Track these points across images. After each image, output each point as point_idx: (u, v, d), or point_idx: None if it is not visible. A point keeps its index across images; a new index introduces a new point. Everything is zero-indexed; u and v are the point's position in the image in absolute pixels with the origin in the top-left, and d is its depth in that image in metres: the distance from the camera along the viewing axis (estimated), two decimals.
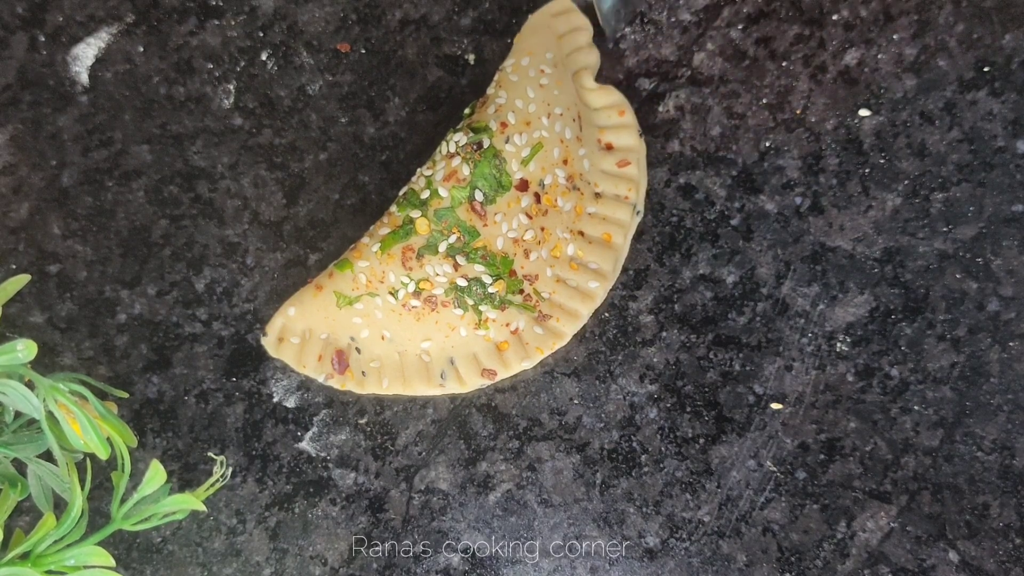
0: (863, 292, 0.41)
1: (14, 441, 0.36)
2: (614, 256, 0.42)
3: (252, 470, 0.42)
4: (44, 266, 0.45)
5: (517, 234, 0.40)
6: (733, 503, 0.40)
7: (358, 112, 0.45)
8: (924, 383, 0.40)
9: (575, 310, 0.41)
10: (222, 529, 0.42)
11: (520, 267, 0.41)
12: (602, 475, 0.41)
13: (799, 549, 0.40)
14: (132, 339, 0.44)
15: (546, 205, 0.41)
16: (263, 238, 0.44)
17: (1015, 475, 0.39)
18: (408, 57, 0.45)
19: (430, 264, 0.40)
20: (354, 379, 0.41)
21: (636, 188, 0.42)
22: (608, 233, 0.42)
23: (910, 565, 0.39)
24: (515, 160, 0.40)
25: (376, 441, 0.42)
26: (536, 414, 0.42)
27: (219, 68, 0.46)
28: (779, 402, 0.41)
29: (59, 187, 0.45)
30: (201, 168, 0.45)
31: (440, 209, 0.40)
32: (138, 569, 0.42)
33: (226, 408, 0.43)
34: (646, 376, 0.42)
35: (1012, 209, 0.41)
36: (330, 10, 0.46)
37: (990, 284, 0.40)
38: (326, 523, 0.42)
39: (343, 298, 0.41)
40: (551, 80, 0.42)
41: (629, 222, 0.42)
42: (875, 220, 0.41)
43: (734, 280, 0.42)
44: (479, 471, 0.42)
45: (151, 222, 0.45)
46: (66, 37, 0.46)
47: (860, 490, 0.40)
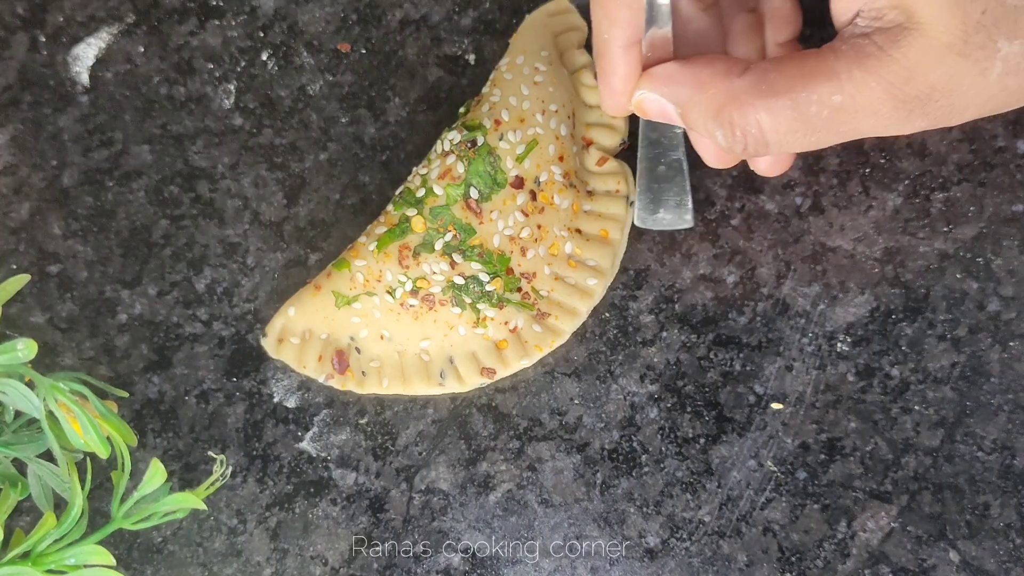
0: (863, 292, 0.41)
1: (14, 441, 0.36)
2: (612, 252, 0.42)
3: (252, 470, 0.42)
4: (44, 266, 0.45)
5: (513, 231, 0.40)
6: (734, 503, 0.40)
7: (358, 112, 0.45)
8: (924, 383, 0.40)
9: (574, 308, 0.42)
10: (222, 529, 0.42)
11: (517, 265, 0.41)
12: (602, 475, 0.41)
13: (800, 549, 0.40)
14: (133, 339, 0.44)
15: (542, 202, 0.41)
16: (263, 238, 0.44)
17: (1015, 475, 0.39)
18: (408, 57, 0.45)
19: (427, 262, 0.40)
20: (354, 379, 0.41)
21: (625, 180, 0.42)
22: (605, 230, 0.42)
23: (911, 565, 0.39)
24: (510, 157, 0.40)
25: (376, 441, 0.42)
26: (536, 414, 0.42)
27: (219, 68, 0.46)
28: (779, 402, 0.41)
29: (59, 187, 0.45)
30: (201, 168, 0.45)
31: (435, 207, 0.40)
32: (138, 569, 0.42)
33: (226, 408, 0.43)
34: (646, 376, 0.42)
35: (1012, 209, 0.41)
36: (330, 10, 0.46)
37: (990, 284, 0.40)
38: (326, 523, 0.42)
39: (341, 298, 0.41)
40: (546, 78, 0.42)
41: (624, 216, 0.42)
42: (875, 220, 0.41)
43: (734, 280, 0.42)
44: (479, 471, 0.42)
45: (152, 222, 0.45)
46: (66, 37, 0.46)
47: (861, 490, 0.40)
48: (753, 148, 0.33)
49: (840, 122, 0.32)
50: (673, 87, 0.35)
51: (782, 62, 0.32)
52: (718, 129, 0.33)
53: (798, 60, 0.32)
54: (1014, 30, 0.30)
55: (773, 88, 0.32)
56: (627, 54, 0.36)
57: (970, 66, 0.30)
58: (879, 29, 0.30)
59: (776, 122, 0.32)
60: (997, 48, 0.30)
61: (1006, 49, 0.30)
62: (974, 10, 0.29)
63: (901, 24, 0.30)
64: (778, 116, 0.32)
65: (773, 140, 0.32)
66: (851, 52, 0.31)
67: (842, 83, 0.31)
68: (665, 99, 0.35)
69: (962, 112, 0.32)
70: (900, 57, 0.30)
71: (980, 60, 0.30)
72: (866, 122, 0.32)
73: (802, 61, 0.32)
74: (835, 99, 0.31)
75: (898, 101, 0.31)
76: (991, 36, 0.30)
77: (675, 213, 0.41)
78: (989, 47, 0.30)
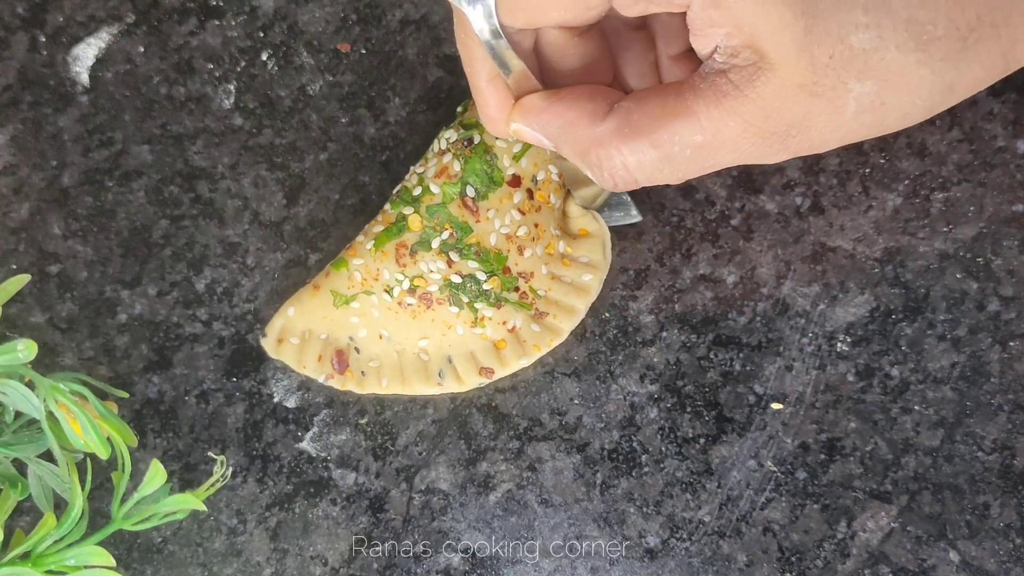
0: (863, 292, 0.41)
1: (14, 441, 0.36)
2: (600, 243, 0.42)
3: (252, 470, 0.42)
4: (44, 266, 0.45)
5: (510, 230, 0.40)
6: (733, 503, 0.40)
7: (358, 112, 0.45)
8: (924, 383, 0.40)
9: (572, 306, 0.41)
10: (222, 529, 0.42)
11: (514, 264, 0.41)
12: (602, 475, 0.41)
13: (799, 549, 0.40)
14: (132, 339, 0.44)
15: (539, 201, 0.41)
16: (263, 238, 0.44)
17: (1015, 475, 0.39)
18: (408, 57, 0.45)
19: (424, 261, 0.40)
20: (354, 379, 0.41)
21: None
22: (584, 228, 0.42)
23: (911, 565, 0.39)
24: (506, 156, 0.40)
25: (376, 441, 0.42)
26: (536, 414, 0.42)
27: (219, 68, 0.46)
28: (779, 402, 0.41)
29: (59, 187, 0.45)
30: (201, 168, 0.45)
31: (432, 205, 0.40)
32: (138, 569, 0.42)
33: (226, 408, 0.43)
34: (646, 376, 0.42)
35: (1012, 209, 0.41)
36: (330, 10, 0.46)
37: (990, 284, 0.40)
38: (326, 523, 0.42)
39: (340, 297, 0.41)
40: None
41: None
42: (875, 220, 0.41)
43: (734, 280, 0.42)
44: (479, 471, 0.42)
45: (151, 222, 0.45)
46: (66, 37, 0.46)
47: (860, 490, 0.40)
48: (623, 185, 0.34)
49: (703, 158, 0.32)
50: (542, 122, 0.35)
51: (645, 100, 0.32)
52: (587, 168, 0.34)
53: (660, 98, 0.32)
54: (864, 71, 0.30)
55: (636, 130, 0.32)
56: (492, 86, 0.35)
57: (824, 104, 0.30)
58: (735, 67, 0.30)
59: (641, 162, 0.32)
60: (848, 89, 0.30)
61: (858, 90, 0.30)
62: (822, 54, 0.29)
63: (755, 63, 0.30)
64: (642, 157, 0.32)
65: (641, 178, 0.33)
66: (709, 91, 0.31)
67: (701, 123, 0.31)
68: (536, 131, 0.35)
69: (822, 144, 0.32)
70: (755, 97, 0.30)
71: (833, 100, 0.30)
72: (728, 156, 0.32)
73: (663, 99, 0.32)
74: (696, 139, 0.31)
75: (757, 137, 0.31)
76: (840, 78, 0.30)
77: (621, 210, 0.43)
78: (840, 88, 0.30)
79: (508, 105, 0.36)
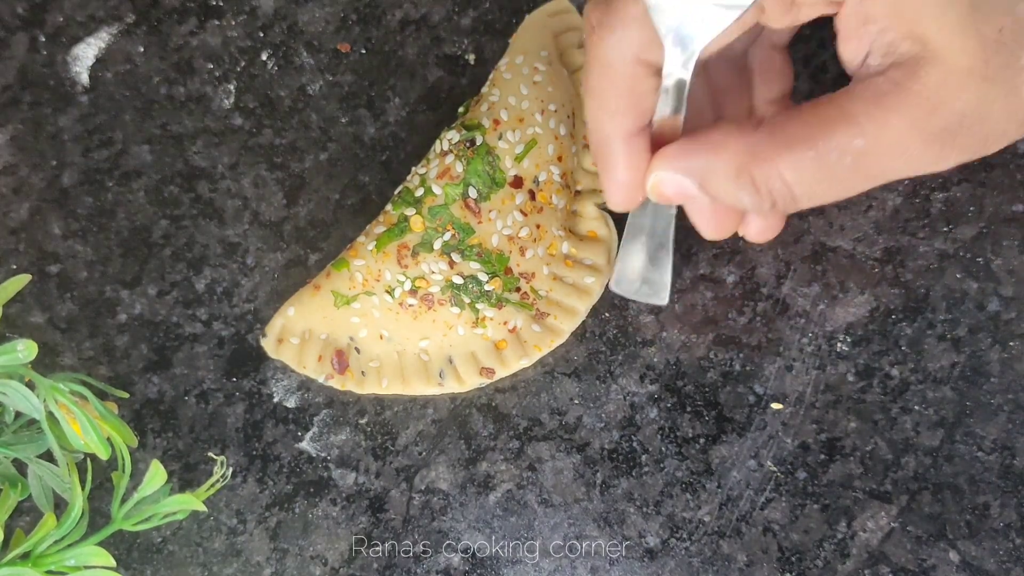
0: (863, 292, 0.41)
1: (14, 441, 0.36)
2: (606, 248, 0.42)
3: (252, 470, 0.42)
4: (44, 266, 0.45)
5: (512, 231, 0.40)
6: (733, 503, 0.40)
7: (358, 112, 0.45)
8: (924, 383, 0.40)
9: (573, 307, 0.41)
10: (222, 529, 0.42)
11: (516, 265, 0.41)
12: (602, 475, 0.41)
13: (799, 549, 0.40)
14: (132, 339, 0.44)
15: (541, 202, 0.41)
16: (263, 238, 0.44)
17: (1015, 475, 0.39)
18: (408, 57, 0.45)
19: (425, 262, 0.40)
20: (354, 379, 0.41)
21: None
22: (592, 231, 0.42)
23: (911, 565, 0.39)
24: (508, 157, 0.40)
25: (376, 441, 0.42)
26: (536, 414, 0.42)
27: (219, 68, 0.46)
28: (779, 402, 0.41)
29: (59, 187, 0.45)
30: (201, 168, 0.45)
31: (434, 206, 0.40)
32: (138, 569, 0.42)
33: (226, 408, 0.43)
34: (646, 376, 0.42)
35: (1012, 209, 0.41)
36: (330, 10, 0.46)
37: (990, 284, 0.40)
38: (326, 523, 0.42)
39: (340, 297, 0.41)
40: (545, 77, 0.42)
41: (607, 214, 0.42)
42: (875, 220, 0.41)
43: (734, 280, 0.42)
44: (479, 471, 0.42)
45: (151, 222, 0.45)
46: (66, 37, 0.46)
47: (860, 490, 0.40)
48: (782, 204, 0.31)
49: (867, 166, 0.30)
50: (687, 160, 0.32)
51: (799, 111, 0.30)
52: (741, 191, 0.31)
53: (813, 108, 0.30)
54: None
55: (791, 139, 0.30)
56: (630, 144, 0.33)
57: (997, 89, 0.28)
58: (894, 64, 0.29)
59: (800, 174, 0.30)
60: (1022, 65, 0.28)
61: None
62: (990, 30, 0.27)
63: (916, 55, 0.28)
64: (801, 168, 0.30)
65: (800, 193, 0.31)
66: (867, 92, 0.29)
67: (861, 125, 0.29)
68: (682, 174, 0.32)
69: (999, 138, 0.30)
70: (920, 89, 0.28)
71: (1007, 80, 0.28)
72: (895, 163, 0.30)
73: (816, 108, 0.30)
74: (856, 143, 0.29)
75: (926, 136, 0.29)
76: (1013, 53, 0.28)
77: (653, 288, 0.39)
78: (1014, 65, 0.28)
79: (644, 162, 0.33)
